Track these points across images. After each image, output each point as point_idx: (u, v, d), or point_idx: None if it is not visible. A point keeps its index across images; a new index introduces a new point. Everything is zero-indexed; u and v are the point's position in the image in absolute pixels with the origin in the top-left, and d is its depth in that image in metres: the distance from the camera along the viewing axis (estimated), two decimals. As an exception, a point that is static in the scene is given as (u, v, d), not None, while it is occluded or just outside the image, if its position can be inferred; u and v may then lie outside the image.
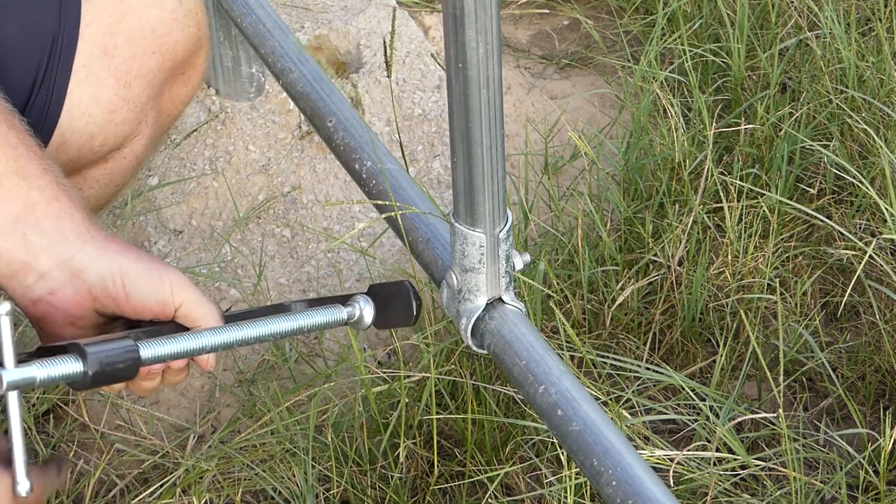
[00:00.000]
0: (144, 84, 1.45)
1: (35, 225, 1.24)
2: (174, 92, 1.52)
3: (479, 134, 1.27)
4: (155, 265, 1.26)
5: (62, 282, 1.25)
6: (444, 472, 1.84)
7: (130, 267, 1.25)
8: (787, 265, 2.09)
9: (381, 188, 1.59)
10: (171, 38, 1.46)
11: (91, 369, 1.19)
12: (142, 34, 1.44)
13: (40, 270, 1.25)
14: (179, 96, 1.53)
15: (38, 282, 1.26)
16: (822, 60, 2.29)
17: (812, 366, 1.96)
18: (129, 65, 1.43)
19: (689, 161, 2.13)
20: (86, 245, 1.25)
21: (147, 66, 1.45)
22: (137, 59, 1.44)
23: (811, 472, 1.85)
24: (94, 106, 1.41)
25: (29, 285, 1.26)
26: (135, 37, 1.44)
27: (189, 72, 1.52)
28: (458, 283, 1.39)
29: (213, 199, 2.31)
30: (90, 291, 1.25)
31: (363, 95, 2.44)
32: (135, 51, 1.44)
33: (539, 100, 2.49)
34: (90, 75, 1.41)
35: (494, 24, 1.20)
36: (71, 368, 1.20)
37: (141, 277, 1.25)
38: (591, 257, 2.02)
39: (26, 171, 1.25)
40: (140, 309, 1.26)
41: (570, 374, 1.35)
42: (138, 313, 1.26)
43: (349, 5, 2.61)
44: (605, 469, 1.26)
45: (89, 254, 1.25)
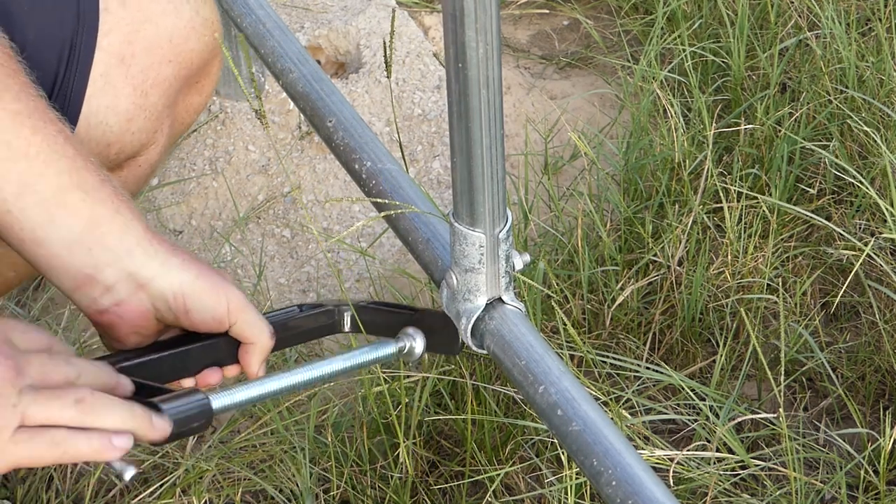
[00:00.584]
0: (160, 93, 1.45)
1: (100, 239, 1.27)
2: (188, 100, 1.52)
3: (478, 134, 1.27)
4: (214, 283, 1.31)
5: (127, 295, 1.29)
6: (444, 472, 1.84)
7: (191, 285, 1.29)
8: (787, 265, 2.09)
9: (381, 188, 1.59)
10: (188, 46, 1.47)
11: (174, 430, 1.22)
12: (159, 43, 1.44)
13: (106, 284, 1.28)
14: (193, 105, 1.54)
15: (103, 295, 1.29)
16: (821, 60, 2.29)
17: (812, 366, 1.96)
18: (146, 74, 1.44)
19: (688, 161, 2.13)
20: (149, 260, 1.28)
21: (163, 74, 1.45)
22: (154, 68, 1.44)
23: (811, 472, 1.85)
24: (112, 115, 1.41)
25: (95, 298, 1.29)
26: (152, 46, 1.44)
27: (203, 80, 1.53)
28: (457, 283, 1.39)
29: (212, 199, 2.31)
30: (153, 304, 1.30)
31: (363, 95, 2.44)
32: (152, 60, 1.44)
33: (539, 100, 2.49)
34: (107, 84, 1.41)
35: (494, 24, 1.20)
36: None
37: (201, 296, 1.30)
38: (591, 257, 2.02)
39: (87, 184, 1.27)
40: (198, 324, 1.31)
41: (570, 374, 1.35)
42: (195, 327, 1.31)
43: (349, 5, 2.61)
44: (604, 469, 1.26)
45: (152, 269, 1.28)
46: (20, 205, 1.26)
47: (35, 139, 1.26)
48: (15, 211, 1.26)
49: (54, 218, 1.27)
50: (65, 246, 1.28)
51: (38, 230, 1.27)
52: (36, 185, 1.26)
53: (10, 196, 1.26)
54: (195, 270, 1.30)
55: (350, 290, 2.15)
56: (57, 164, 1.27)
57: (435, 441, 1.87)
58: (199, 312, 1.30)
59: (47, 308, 2.08)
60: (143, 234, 1.29)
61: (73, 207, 1.27)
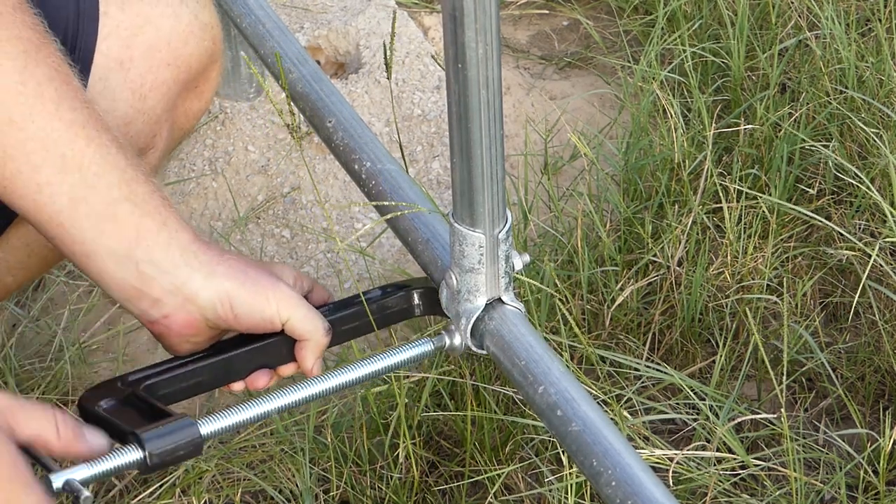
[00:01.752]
0: (159, 96, 1.45)
1: (147, 253, 1.30)
2: (188, 105, 1.52)
3: (478, 134, 1.27)
4: (262, 283, 1.33)
5: (174, 307, 1.32)
6: (444, 473, 1.84)
7: (237, 291, 1.32)
8: (787, 265, 2.09)
9: (381, 188, 1.59)
10: (187, 50, 1.47)
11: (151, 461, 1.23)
12: (157, 46, 1.45)
13: (153, 297, 1.32)
14: (193, 110, 1.54)
15: (152, 307, 1.32)
16: (821, 61, 2.29)
17: (812, 366, 1.96)
18: (145, 77, 1.44)
19: (688, 161, 2.13)
20: (194, 272, 1.31)
21: (162, 78, 1.45)
22: (153, 72, 1.44)
23: (810, 473, 1.85)
24: (110, 119, 1.41)
25: (144, 310, 1.32)
26: (151, 49, 1.44)
27: (203, 85, 1.53)
28: (457, 283, 1.39)
29: (212, 199, 2.31)
30: (201, 314, 1.32)
31: (363, 96, 2.44)
32: (150, 63, 1.44)
33: (538, 100, 2.49)
34: (106, 88, 1.41)
35: (494, 24, 1.20)
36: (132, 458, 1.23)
37: (246, 299, 1.32)
38: (591, 258, 2.02)
39: (136, 195, 1.30)
40: (250, 326, 1.34)
41: (570, 374, 1.35)
42: (248, 329, 1.34)
43: (348, 6, 2.61)
44: (604, 469, 1.26)
45: (198, 281, 1.31)
46: (72, 217, 1.29)
47: (88, 150, 1.28)
48: (67, 224, 1.29)
49: (103, 231, 1.29)
50: (113, 259, 1.30)
51: (88, 243, 1.29)
52: (87, 197, 1.28)
53: (63, 208, 1.28)
54: (241, 275, 1.33)
55: (350, 291, 2.15)
56: (108, 175, 1.29)
57: (435, 441, 1.87)
58: (247, 316, 1.33)
59: (47, 308, 2.08)
60: (189, 245, 1.32)
61: (122, 220, 1.29)
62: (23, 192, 1.27)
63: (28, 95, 1.25)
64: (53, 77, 1.27)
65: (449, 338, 1.42)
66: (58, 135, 1.26)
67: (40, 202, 1.28)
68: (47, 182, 1.27)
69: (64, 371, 1.95)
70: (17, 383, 1.92)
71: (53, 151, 1.26)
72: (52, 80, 1.26)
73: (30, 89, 1.25)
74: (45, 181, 1.27)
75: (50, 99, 1.26)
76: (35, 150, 1.26)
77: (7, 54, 1.24)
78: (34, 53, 1.26)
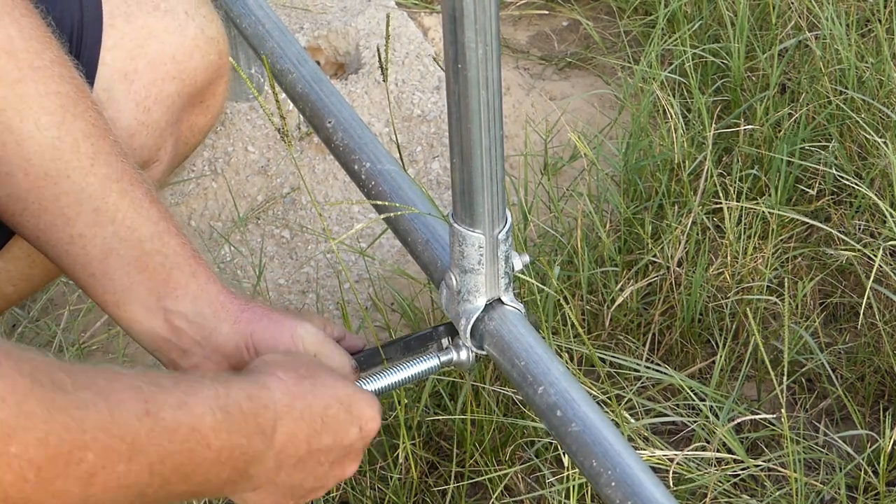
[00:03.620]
0: (163, 109, 1.46)
1: (176, 304, 1.33)
2: (193, 120, 1.53)
3: (478, 135, 1.27)
4: (285, 324, 1.36)
5: (202, 357, 1.35)
6: (444, 473, 1.84)
7: (260, 333, 1.34)
8: (787, 266, 2.09)
9: (381, 189, 1.59)
10: (192, 64, 1.47)
11: None
12: (162, 60, 1.45)
13: (182, 348, 1.35)
14: (198, 125, 1.54)
15: (181, 357, 1.35)
16: (821, 61, 2.29)
17: (812, 367, 1.96)
18: (149, 90, 1.44)
19: (688, 162, 2.13)
20: (221, 323, 1.34)
21: (167, 91, 1.46)
22: (157, 85, 1.45)
23: (810, 473, 1.85)
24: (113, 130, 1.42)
25: (173, 359, 1.36)
26: (155, 62, 1.45)
27: (209, 100, 1.53)
28: (457, 283, 1.39)
29: (212, 199, 2.31)
30: (228, 362, 1.35)
31: (362, 96, 2.44)
32: (155, 76, 1.45)
33: (538, 100, 2.49)
34: (110, 99, 1.42)
35: (493, 24, 1.20)
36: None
37: (270, 340, 1.35)
38: (591, 258, 2.01)
39: (168, 247, 1.32)
40: None
41: (570, 374, 1.35)
42: None
43: (348, 6, 2.61)
44: (604, 470, 1.26)
45: (224, 332, 1.34)
46: (104, 268, 1.31)
47: (122, 204, 1.30)
48: (98, 274, 1.31)
49: (134, 282, 1.32)
50: (143, 310, 1.33)
51: (119, 293, 1.32)
52: (119, 249, 1.31)
53: (94, 259, 1.31)
54: (264, 318, 1.35)
55: (349, 291, 2.15)
56: (141, 229, 1.31)
57: (434, 442, 1.87)
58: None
59: (47, 309, 2.08)
60: (217, 296, 1.35)
61: (153, 272, 1.32)
62: (56, 242, 1.30)
63: (64, 150, 1.27)
64: (90, 132, 1.29)
65: (456, 352, 1.43)
66: (92, 189, 1.29)
67: (72, 253, 1.30)
68: (80, 234, 1.29)
69: (64, 371, 1.95)
70: (16, 384, 1.91)
71: (87, 205, 1.29)
72: (88, 135, 1.29)
73: (66, 145, 1.28)
74: (78, 233, 1.29)
75: (85, 154, 1.28)
76: (69, 204, 1.28)
77: (45, 109, 1.26)
78: (72, 108, 1.28)
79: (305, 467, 1.21)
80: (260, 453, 1.15)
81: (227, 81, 1.55)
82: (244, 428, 1.12)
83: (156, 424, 1.01)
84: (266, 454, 1.16)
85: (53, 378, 0.93)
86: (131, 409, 0.99)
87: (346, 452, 1.26)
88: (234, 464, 1.11)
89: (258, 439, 1.14)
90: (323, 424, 1.22)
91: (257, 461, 1.15)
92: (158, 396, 1.03)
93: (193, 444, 1.05)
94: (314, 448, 1.21)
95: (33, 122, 1.26)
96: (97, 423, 0.95)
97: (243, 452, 1.12)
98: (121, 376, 1.01)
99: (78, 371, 0.97)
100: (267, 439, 1.15)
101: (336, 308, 2.12)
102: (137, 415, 0.99)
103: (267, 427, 1.15)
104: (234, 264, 2.20)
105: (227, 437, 1.10)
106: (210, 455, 1.08)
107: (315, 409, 1.21)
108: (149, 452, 1.01)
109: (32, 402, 0.90)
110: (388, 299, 2.11)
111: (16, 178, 1.27)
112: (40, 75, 1.26)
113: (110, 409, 0.97)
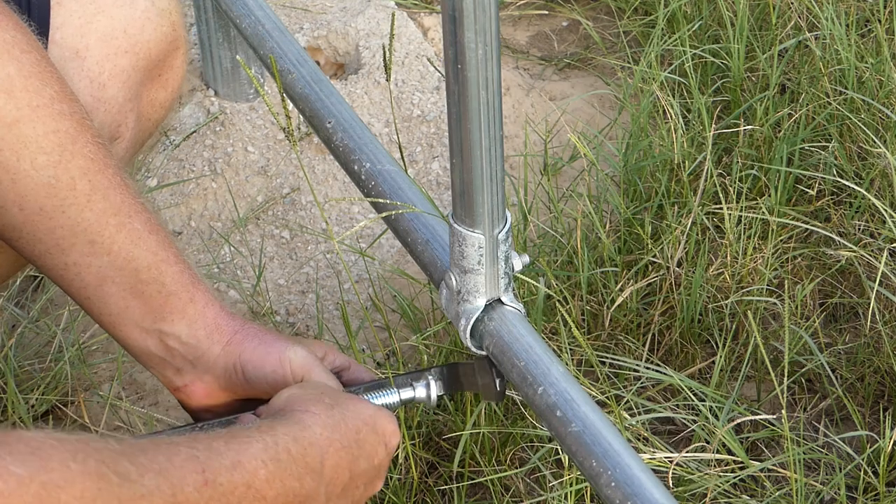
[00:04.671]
0: (119, 85, 1.45)
1: (171, 327, 1.35)
2: (153, 95, 1.52)
3: (477, 135, 1.27)
4: (275, 346, 1.37)
5: (193, 377, 1.38)
6: (444, 473, 1.84)
7: (248, 355, 1.36)
8: (787, 266, 2.09)
9: (380, 189, 1.59)
10: (144, 37, 1.47)
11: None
12: (113, 34, 1.44)
13: (176, 366, 1.37)
14: (159, 100, 1.53)
15: (175, 375, 1.38)
16: (821, 62, 2.29)
17: (811, 367, 1.96)
18: (102, 65, 1.44)
19: (688, 162, 2.13)
20: (213, 345, 1.36)
21: (120, 66, 1.45)
22: (110, 60, 1.44)
23: (810, 474, 1.85)
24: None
25: (168, 377, 1.38)
26: (106, 37, 1.44)
27: (166, 74, 1.52)
28: (456, 284, 1.39)
29: (212, 200, 2.31)
30: (217, 384, 1.38)
31: (362, 96, 2.44)
32: (107, 51, 1.44)
33: (538, 101, 2.49)
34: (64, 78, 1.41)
35: (493, 25, 1.20)
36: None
37: (256, 364, 1.36)
38: (591, 258, 2.01)
39: (165, 276, 1.34)
40: (261, 391, 1.37)
41: (570, 375, 1.35)
42: (261, 394, 1.37)
43: (348, 6, 2.61)
44: (604, 470, 1.26)
45: (215, 353, 1.36)
46: (99, 294, 1.33)
47: (119, 236, 1.31)
48: (94, 298, 1.33)
49: (129, 306, 1.34)
50: (138, 331, 1.35)
51: (113, 315, 1.34)
52: (115, 277, 1.32)
53: (88, 285, 1.32)
54: (255, 340, 1.37)
55: (349, 292, 2.15)
56: (138, 260, 1.33)
57: (434, 442, 1.87)
58: (258, 380, 1.36)
59: (46, 309, 2.08)
60: (214, 319, 1.37)
61: (149, 298, 1.34)
62: (51, 267, 1.32)
63: (60, 188, 1.28)
64: (88, 168, 1.29)
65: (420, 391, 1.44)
66: (87, 224, 1.30)
67: (67, 278, 1.32)
68: (74, 262, 1.31)
69: (63, 372, 1.95)
70: (16, 384, 1.91)
71: (82, 238, 1.30)
72: (86, 172, 1.29)
73: (63, 183, 1.28)
74: (73, 262, 1.31)
75: (82, 192, 1.29)
76: (64, 237, 1.30)
77: (42, 149, 1.27)
78: (70, 146, 1.28)
79: (347, 493, 1.24)
80: (313, 490, 1.17)
81: (184, 54, 1.55)
82: (295, 471, 1.15)
83: (214, 492, 1.04)
84: (318, 490, 1.18)
85: (118, 469, 0.95)
86: (191, 483, 1.01)
87: (378, 472, 1.28)
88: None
89: (309, 478, 1.16)
90: (359, 449, 1.24)
91: (311, 499, 1.17)
92: (214, 462, 1.05)
93: (250, 500, 1.08)
94: (355, 474, 1.24)
95: (30, 161, 1.26)
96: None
97: (297, 494, 1.15)
98: (178, 448, 1.03)
99: (138, 452, 0.99)
100: (317, 476, 1.18)
101: (336, 308, 2.12)
102: (197, 486, 1.02)
103: (315, 464, 1.18)
104: (233, 265, 2.20)
105: (281, 484, 1.12)
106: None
107: (350, 437, 1.24)
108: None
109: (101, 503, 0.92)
110: (388, 299, 2.11)
111: (10, 211, 1.28)
112: (39, 114, 1.26)
113: (173, 490, 0.99)
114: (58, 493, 0.88)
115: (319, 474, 1.18)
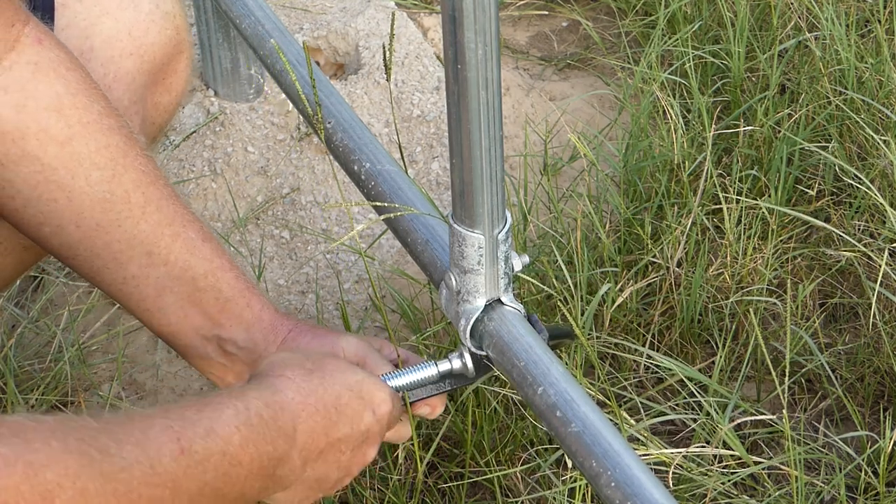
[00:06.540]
0: (124, 88, 1.45)
1: (228, 332, 1.38)
2: (157, 99, 1.52)
3: (477, 135, 1.27)
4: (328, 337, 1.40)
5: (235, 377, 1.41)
6: (444, 474, 1.84)
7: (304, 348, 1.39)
8: (787, 266, 2.09)
9: (380, 189, 1.59)
10: (148, 39, 1.47)
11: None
12: (118, 36, 1.44)
13: (236, 371, 1.40)
14: (163, 104, 1.53)
15: (235, 380, 1.41)
16: (821, 62, 2.29)
17: (812, 367, 1.96)
18: (107, 68, 1.44)
19: (688, 162, 2.13)
20: (269, 346, 1.39)
21: (125, 68, 1.45)
22: (115, 62, 1.44)
23: (810, 473, 1.85)
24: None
25: (228, 382, 1.42)
26: (111, 39, 1.44)
27: (170, 78, 1.52)
28: (456, 284, 1.39)
29: (211, 200, 2.31)
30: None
31: (362, 97, 2.44)
32: (111, 53, 1.44)
33: (538, 101, 2.49)
34: None
35: (493, 25, 1.20)
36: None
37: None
38: (590, 258, 2.01)
39: (221, 282, 1.36)
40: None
41: (569, 375, 1.35)
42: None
43: (348, 7, 2.61)
44: (604, 470, 1.26)
45: (269, 352, 1.39)
46: (158, 304, 1.35)
47: (175, 246, 1.33)
48: (153, 309, 1.35)
49: (188, 315, 1.36)
50: (199, 338, 1.38)
51: (174, 325, 1.36)
52: (174, 287, 1.34)
53: (148, 297, 1.34)
54: (309, 335, 1.40)
55: (349, 292, 2.15)
56: (194, 268, 1.34)
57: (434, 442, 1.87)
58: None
59: (46, 309, 2.08)
60: (270, 322, 1.39)
61: (207, 306, 1.36)
62: (110, 282, 1.33)
63: (115, 202, 1.30)
64: (141, 181, 1.31)
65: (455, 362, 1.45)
66: (144, 236, 1.31)
67: (126, 291, 1.33)
68: (133, 276, 1.32)
69: (63, 372, 1.95)
70: (16, 384, 1.91)
71: (139, 250, 1.32)
72: (139, 184, 1.31)
73: (117, 197, 1.29)
74: (131, 275, 1.32)
75: (136, 204, 1.30)
76: (121, 250, 1.31)
77: (96, 165, 1.28)
78: (122, 160, 1.29)
79: (328, 459, 1.23)
80: (285, 454, 1.17)
81: (188, 59, 1.55)
82: (268, 434, 1.15)
83: (191, 460, 1.05)
84: (291, 454, 1.18)
85: (98, 445, 0.96)
86: (167, 453, 1.03)
87: (365, 438, 1.28)
88: (264, 472, 1.14)
89: (281, 441, 1.17)
90: (338, 414, 1.24)
91: (284, 462, 1.17)
92: (188, 431, 1.06)
93: (226, 466, 1.09)
94: (333, 438, 1.23)
95: (84, 178, 1.27)
96: (142, 479, 0.99)
97: (270, 458, 1.15)
98: (153, 420, 1.04)
99: (115, 427, 1.00)
100: (289, 439, 1.18)
101: (336, 308, 2.12)
102: (173, 456, 1.03)
103: (287, 428, 1.18)
104: (233, 265, 2.20)
105: (255, 449, 1.13)
106: (242, 471, 1.11)
107: (328, 401, 1.23)
108: (188, 489, 1.04)
109: (85, 479, 0.93)
110: (388, 300, 2.11)
111: (66, 230, 1.29)
112: (90, 130, 1.27)
113: (150, 461, 1.01)
114: (43, 471, 0.90)
115: (292, 438, 1.18)
